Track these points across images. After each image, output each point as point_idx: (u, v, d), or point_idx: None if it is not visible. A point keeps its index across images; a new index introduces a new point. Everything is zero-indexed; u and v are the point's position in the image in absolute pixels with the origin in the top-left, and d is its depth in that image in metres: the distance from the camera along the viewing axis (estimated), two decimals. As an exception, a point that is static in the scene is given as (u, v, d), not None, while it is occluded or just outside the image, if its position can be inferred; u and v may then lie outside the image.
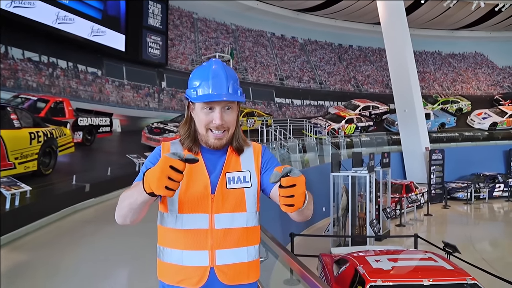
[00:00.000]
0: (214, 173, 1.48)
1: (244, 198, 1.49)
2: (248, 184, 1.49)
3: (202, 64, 1.54)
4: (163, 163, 1.16)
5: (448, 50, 30.25)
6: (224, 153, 1.53)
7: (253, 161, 1.55)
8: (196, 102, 1.46)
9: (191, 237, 1.44)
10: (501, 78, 30.19)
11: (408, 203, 13.61)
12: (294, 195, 1.17)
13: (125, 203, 1.35)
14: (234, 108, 1.48)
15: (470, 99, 26.43)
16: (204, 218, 1.45)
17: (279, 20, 24.81)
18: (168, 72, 19.27)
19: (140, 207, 1.33)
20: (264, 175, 1.53)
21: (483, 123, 23.71)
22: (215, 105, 1.44)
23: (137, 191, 1.29)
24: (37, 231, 6.00)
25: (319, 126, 20.06)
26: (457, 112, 25.12)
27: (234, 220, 1.46)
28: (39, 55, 14.11)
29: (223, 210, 1.45)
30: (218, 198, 1.46)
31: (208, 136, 1.47)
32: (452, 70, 29.88)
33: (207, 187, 1.46)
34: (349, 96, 25.52)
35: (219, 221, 1.45)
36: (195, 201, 1.45)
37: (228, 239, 1.45)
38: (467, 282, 4.20)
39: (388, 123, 22.62)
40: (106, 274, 4.70)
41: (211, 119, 1.45)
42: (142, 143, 13.31)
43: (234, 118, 1.50)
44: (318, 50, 27.03)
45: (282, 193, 1.17)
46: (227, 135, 1.48)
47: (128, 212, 1.36)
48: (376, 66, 28.13)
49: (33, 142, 7.21)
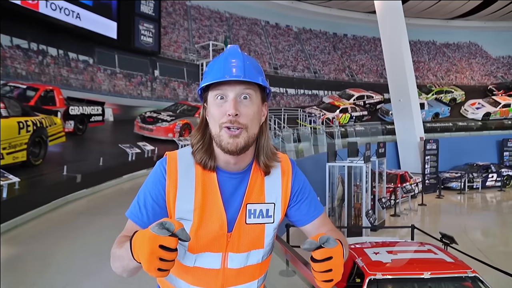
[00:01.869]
0: (232, 207, 1.23)
1: (263, 234, 1.26)
2: (270, 220, 1.26)
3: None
4: (151, 242, 0.92)
5: (443, 40, 30.20)
6: (246, 174, 1.25)
7: (280, 190, 1.29)
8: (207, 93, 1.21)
9: (200, 276, 1.25)
10: (495, 68, 30.24)
11: (403, 193, 13.62)
12: (331, 269, 1.01)
13: (117, 263, 1.11)
14: (253, 99, 1.18)
15: (464, 89, 26.48)
16: (216, 258, 1.24)
17: (273, 8, 24.54)
18: (161, 60, 18.98)
19: (135, 270, 1.09)
20: (294, 208, 1.31)
21: (476, 113, 23.77)
22: (227, 91, 1.16)
23: (127, 256, 1.02)
24: (27, 224, 5.86)
25: (314, 116, 19.97)
26: (451, 102, 25.16)
27: (249, 258, 1.26)
28: (28, 42, 13.78)
29: (238, 249, 1.24)
30: (235, 236, 1.23)
31: (222, 136, 1.17)
32: (447, 60, 29.86)
33: (223, 226, 1.21)
34: (344, 85, 25.42)
35: (233, 260, 1.25)
36: (207, 241, 1.22)
37: (240, 276, 1.27)
38: (467, 274, 4.13)
39: (382, 113, 22.60)
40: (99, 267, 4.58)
41: (224, 111, 1.15)
42: (134, 133, 13.12)
43: (255, 112, 1.19)
44: (313, 39, 26.82)
45: (317, 268, 1.01)
46: (245, 134, 1.17)
47: (122, 272, 1.12)
48: (370, 55, 28.00)
49: (21, 131, 7.01)
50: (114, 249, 1.14)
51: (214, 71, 1.18)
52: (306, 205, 1.32)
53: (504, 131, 22.45)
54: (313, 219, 1.32)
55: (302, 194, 1.31)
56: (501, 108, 23.84)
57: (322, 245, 1.01)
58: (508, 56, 30.58)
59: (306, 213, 1.31)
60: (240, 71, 1.16)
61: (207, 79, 1.18)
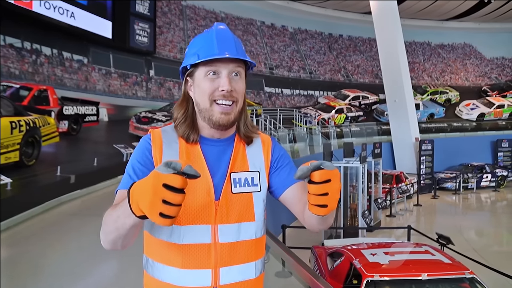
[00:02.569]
0: (218, 174, 1.23)
1: (252, 204, 1.24)
2: (257, 188, 1.25)
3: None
4: (155, 181, 0.86)
5: (438, 41, 30.32)
6: (229, 144, 1.28)
7: (262, 158, 1.30)
8: (196, 68, 1.23)
9: (190, 254, 1.18)
10: (489, 69, 30.42)
11: (398, 194, 13.65)
12: (328, 192, 0.98)
13: (111, 227, 1.05)
14: (242, 76, 1.25)
15: (459, 90, 26.62)
16: (206, 230, 1.19)
17: (269, 8, 24.51)
18: (156, 60, 18.89)
19: (131, 231, 1.04)
20: (274, 175, 1.30)
21: (471, 114, 23.91)
22: (221, 68, 1.20)
23: (123, 214, 0.98)
24: (20, 225, 5.77)
25: (309, 116, 19.97)
26: (446, 102, 25.27)
27: (241, 232, 1.22)
28: (22, 41, 13.65)
29: (228, 220, 1.20)
30: (223, 205, 1.20)
31: (213, 111, 1.21)
32: (441, 61, 30.00)
33: (210, 192, 1.20)
34: (339, 86, 25.45)
35: (224, 233, 1.20)
36: (195, 210, 1.18)
37: (234, 254, 1.21)
38: (465, 276, 4.12)
39: (378, 113, 22.66)
40: (92, 269, 4.53)
41: (217, 86, 1.20)
42: (129, 133, 13.04)
43: (243, 89, 1.25)
44: (308, 39, 26.82)
45: (315, 190, 0.98)
46: (235, 109, 1.23)
47: (117, 239, 1.06)
48: (366, 56, 28.06)
49: (14, 131, 6.91)
50: (106, 216, 1.08)
51: (206, 47, 1.21)
52: (286, 171, 1.31)
53: (498, 131, 22.61)
54: (293, 183, 1.28)
55: (282, 161, 1.32)
56: (495, 108, 24.00)
57: (321, 166, 0.97)
58: (502, 57, 30.78)
59: (286, 177, 1.29)
60: (233, 50, 1.21)
61: (202, 55, 1.20)
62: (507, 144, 20.37)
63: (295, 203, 1.27)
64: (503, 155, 20.33)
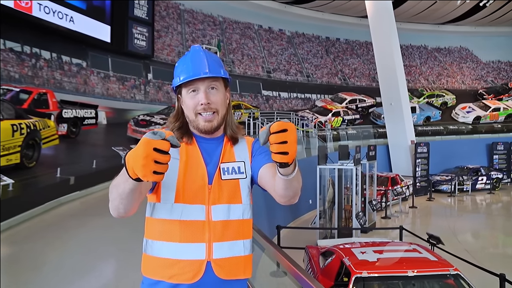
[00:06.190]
0: (211, 164, 1.47)
1: (239, 189, 1.47)
2: (243, 175, 1.49)
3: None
4: (145, 145, 1.05)
5: (434, 44, 30.56)
6: (220, 142, 1.52)
7: (247, 152, 1.54)
8: (181, 87, 1.47)
9: (187, 229, 1.40)
10: (485, 73, 30.66)
11: (394, 196, 13.75)
12: (287, 141, 1.12)
13: (114, 194, 1.26)
14: (219, 88, 1.48)
15: (455, 93, 26.79)
16: (201, 210, 1.41)
17: (266, 12, 24.71)
18: (154, 64, 19.06)
19: (130, 196, 1.23)
20: (253, 161, 1.52)
21: (467, 117, 24.08)
22: (199, 85, 1.45)
23: (122, 180, 1.19)
24: (20, 225, 5.91)
25: (306, 119, 20.10)
26: (442, 105, 25.45)
27: (231, 212, 1.44)
28: (21, 45, 13.80)
29: (219, 201, 1.43)
30: (215, 188, 1.44)
31: (198, 121, 1.46)
32: (438, 64, 30.22)
33: (204, 178, 1.44)
34: (336, 89, 25.62)
35: (216, 212, 1.42)
36: (192, 192, 1.42)
37: (225, 231, 1.42)
38: (450, 272, 4.28)
39: (374, 116, 22.80)
40: (91, 267, 4.66)
41: (197, 101, 1.45)
42: (128, 136, 13.16)
43: (222, 99, 1.49)
44: (306, 43, 27.01)
45: (274, 139, 1.11)
46: (217, 117, 1.47)
47: (119, 204, 1.27)
48: (363, 59, 28.26)
49: (15, 134, 7.06)
50: (110, 186, 1.30)
51: (184, 70, 1.46)
52: (261, 156, 1.51)
53: (494, 134, 22.75)
54: (265, 163, 1.46)
55: (260, 150, 1.53)
56: (491, 112, 24.17)
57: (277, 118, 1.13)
58: (498, 60, 31.03)
59: (261, 160, 1.49)
60: (205, 69, 1.45)
61: (181, 78, 1.46)
62: (502, 147, 20.51)
63: (268, 179, 1.42)
64: (498, 158, 20.47)
